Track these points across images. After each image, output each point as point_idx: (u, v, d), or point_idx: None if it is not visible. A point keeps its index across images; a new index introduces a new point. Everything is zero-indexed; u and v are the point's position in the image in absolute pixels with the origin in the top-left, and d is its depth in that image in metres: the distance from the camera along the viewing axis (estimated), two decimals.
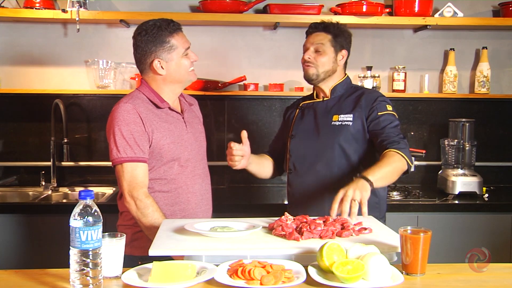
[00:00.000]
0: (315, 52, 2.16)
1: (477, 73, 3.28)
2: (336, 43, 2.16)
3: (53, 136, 3.13)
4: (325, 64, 2.15)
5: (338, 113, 2.15)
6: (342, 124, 2.12)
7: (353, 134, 2.10)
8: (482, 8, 3.30)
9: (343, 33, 2.19)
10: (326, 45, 2.15)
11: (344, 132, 2.11)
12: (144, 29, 1.97)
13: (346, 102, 2.17)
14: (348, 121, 2.12)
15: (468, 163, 3.11)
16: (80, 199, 1.32)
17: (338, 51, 2.17)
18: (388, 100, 2.17)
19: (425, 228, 1.44)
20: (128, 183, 1.89)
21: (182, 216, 2.00)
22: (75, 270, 1.30)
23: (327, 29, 2.17)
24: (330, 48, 2.15)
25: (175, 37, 1.97)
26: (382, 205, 2.18)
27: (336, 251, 1.37)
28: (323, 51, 2.15)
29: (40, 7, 2.97)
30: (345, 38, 2.19)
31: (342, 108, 2.16)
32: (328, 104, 2.20)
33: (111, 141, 1.92)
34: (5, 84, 3.16)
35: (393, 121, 2.09)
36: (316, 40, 2.16)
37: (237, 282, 1.31)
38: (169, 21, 1.99)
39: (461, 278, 1.42)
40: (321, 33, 2.17)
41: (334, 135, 2.12)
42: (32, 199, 3.07)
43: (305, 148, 2.18)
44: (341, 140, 2.11)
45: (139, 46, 1.98)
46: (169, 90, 2.03)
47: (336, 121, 2.14)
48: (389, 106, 2.13)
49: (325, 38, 2.16)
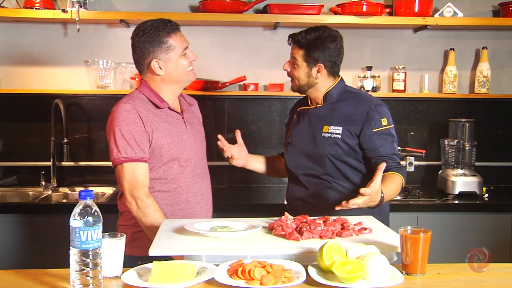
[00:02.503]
0: (292, 64, 2.12)
1: (477, 73, 3.28)
2: (309, 58, 2.07)
3: (53, 136, 3.13)
4: (300, 79, 2.11)
5: (329, 123, 2.10)
6: (331, 136, 2.08)
7: (342, 147, 2.07)
8: (482, 8, 3.30)
9: (317, 47, 2.05)
10: (299, 60, 2.09)
11: (332, 145, 2.07)
12: (142, 29, 1.97)
13: (336, 111, 2.10)
14: (338, 133, 2.07)
15: (468, 163, 3.11)
16: (80, 199, 1.32)
17: (312, 66, 2.08)
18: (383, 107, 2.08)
19: (425, 228, 1.44)
20: (129, 183, 1.89)
21: (182, 216, 2.00)
22: (75, 270, 1.30)
23: (299, 43, 2.08)
24: (302, 63, 2.09)
25: (173, 37, 1.97)
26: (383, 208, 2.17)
27: (336, 251, 1.37)
28: (297, 66, 2.10)
29: (40, 7, 2.97)
30: (322, 51, 2.05)
31: (333, 118, 2.10)
32: (321, 112, 2.15)
33: (111, 141, 1.92)
34: (5, 84, 3.16)
35: (388, 138, 2.05)
36: (293, 53, 2.12)
37: (237, 282, 1.31)
38: (167, 21, 1.98)
39: (461, 278, 1.42)
40: (295, 46, 2.11)
41: (324, 146, 2.09)
42: (32, 199, 3.07)
43: (299, 157, 2.16)
44: (329, 152, 2.07)
45: (137, 47, 1.98)
46: (168, 90, 2.03)
47: (326, 132, 2.09)
48: (384, 120, 2.05)
49: (298, 53, 2.09)
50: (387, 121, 2.07)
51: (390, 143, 2.06)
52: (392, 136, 2.07)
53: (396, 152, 2.08)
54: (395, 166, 2.02)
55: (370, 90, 3.18)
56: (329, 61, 2.08)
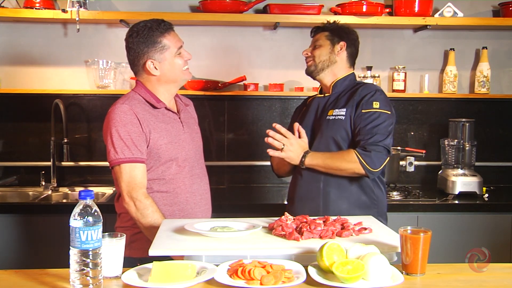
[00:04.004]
0: (313, 49, 2.23)
1: (477, 73, 3.28)
2: (333, 36, 2.21)
3: (53, 136, 3.13)
4: (321, 55, 2.20)
5: (334, 107, 2.16)
6: (335, 118, 2.12)
7: (346, 128, 2.10)
8: (482, 8, 3.30)
9: (342, 29, 2.24)
10: (322, 40, 2.22)
11: (337, 126, 2.11)
12: (135, 30, 1.97)
13: (343, 98, 2.17)
14: (341, 115, 2.11)
15: (468, 163, 3.11)
16: (80, 199, 1.32)
17: (335, 43, 2.20)
18: (382, 95, 2.12)
19: (425, 228, 1.44)
20: (126, 184, 1.89)
21: (181, 216, 1.99)
22: (75, 270, 1.30)
23: (324, 28, 2.25)
24: (325, 41, 2.21)
25: (167, 36, 1.97)
26: (380, 203, 2.17)
27: (336, 251, 1.37)
28: (319, 46, 2.22)
29: (40, 7, 2.97)
30: (344, 31, 2.23)
31: (338, 102, 2.17)
32: (329, 100, 2.21)
33: (108, 143, 1.92)
34: (5, 84, 3.16)
35: (374, 120, 2.05)
36: (315, 39, 2.26)
37: (237, 282, 1.31)
38: (160, 21, 1.98)
39: (461, 278, 1.42)
40: (319, 34, 2.25)
41: (328, 129, 2.13)
42: (32, 199, 3.07)
43: None
44: (335, 135, 2.11)
45: (131, 48, 1.98)
46: (164, 90, 2.03)
47: (331, 115, 2.14)
48: (376, 103, 2.08)
49: (322, 35, 2.23)
50: (379, 105, 2.08)
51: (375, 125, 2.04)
52: (379, 119, 2.05)
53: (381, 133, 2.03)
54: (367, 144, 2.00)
55: None
56: (351, 44, 2.23)
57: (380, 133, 2.04)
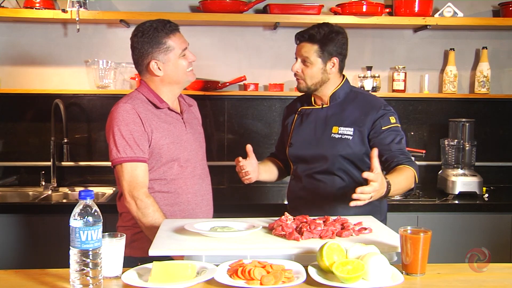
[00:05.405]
0: (303, 64, 2.07)
1: (477, 73, 3.28)
2: (324, 52, 2.04)
3: (53, 136, 3.13)
4: (314, 77, 2.07)
5: (338, 124, 2.09)
6: (342, 137, 2.07)
7: (353, 148, 2.06)
8: (482, 8, 3.30)
9: (332, 40, 2.05)
10: (312, 57, 2.04)
11: (344, 145, 2.06)
12: (141, 30, 1.97)
13: (346, 112, 2.09)
14: (348, 134, 2.06)
15: (468, 163, 3.11)
16: (80, 199, 1.32)
17: (327, 60, 2.06)
18: (391, 108, 2.10)
19: (425, 228, 1.44)
20: (128, 183, 1.89)
21: (182, 216, 1.99)
22: (75, 270, 1.30)
23: (312, 38, 2.04)
24: (317, 59, 2.05)
25: (172, 38, 1.97)
26: (383, 207, 2.18)
27: (336, 251, 1.37)
28: (310, 63, 2.05)
29: (40, 7, 2.97)
30: (335, 44, 2.05)
31: (343, 119, 2.09)
32: (328, 112, 2.13)
33: (110, 142, 1.92)
34: (5, 84, 3.16)
35: (397, 135, 2.03)
36: (303, 52, 2.06)
37: (237, 282, 1.31)
38: (166, 21, 1.98)
39: (461, 278, 1.42)
40: (307, 44, 2.05)
41: (334, 147, 2.07)
42: (32, 199, 3.07)
43: (305, 158, 2.15)
44: (341, 153, 2.06)
45: (136, 47, 1.98)
46: (168, 91, 2.03)
47: (336, 133, 2.08)
48: (392, 118, 2.06)
49: (311, 49, 2.04)
50: (395, 120, 2.08)
51: (400, 139, 2.05)
52: (401, 134, 2.06)
53: (406, 149, 2.06)
54: (406, 160, 1.97)
55: (370, 90, 3.18)
56: (341, 55, 2.09)
57: (405, 147, 2.05)
